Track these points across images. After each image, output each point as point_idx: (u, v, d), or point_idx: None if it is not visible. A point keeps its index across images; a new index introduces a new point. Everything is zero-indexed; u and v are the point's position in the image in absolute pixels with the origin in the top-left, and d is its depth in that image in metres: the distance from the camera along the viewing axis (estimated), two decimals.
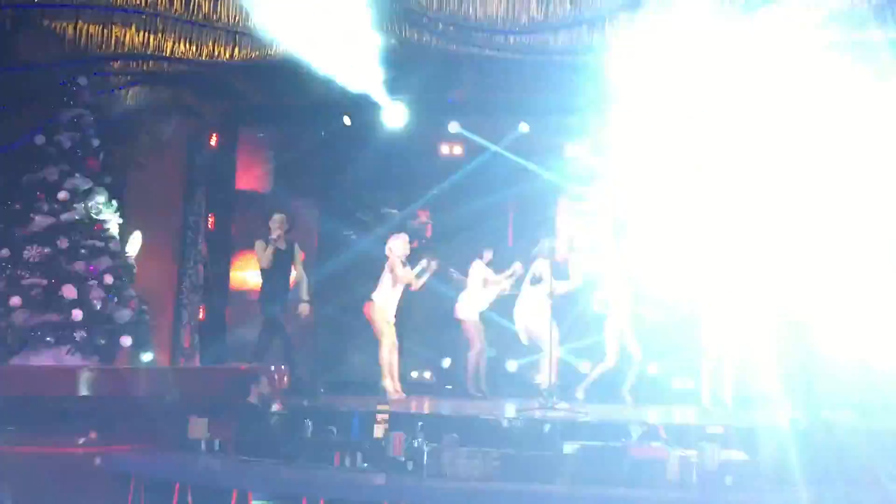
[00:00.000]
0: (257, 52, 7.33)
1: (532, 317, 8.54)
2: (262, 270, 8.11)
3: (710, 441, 5.59)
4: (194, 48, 7.35)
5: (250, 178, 10.13)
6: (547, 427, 6.93)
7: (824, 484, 5.47)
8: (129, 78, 7.67)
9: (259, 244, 8.08)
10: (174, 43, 7.37)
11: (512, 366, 9.48)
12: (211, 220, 9.88)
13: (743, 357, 7.98)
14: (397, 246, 8.43)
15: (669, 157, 8.48)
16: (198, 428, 6.02)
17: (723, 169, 8.05)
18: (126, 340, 6.92)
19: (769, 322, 7.75)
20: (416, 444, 6.18)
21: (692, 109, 7.91)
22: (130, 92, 7.76)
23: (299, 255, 8.25)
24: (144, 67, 7.54)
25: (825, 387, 7.83)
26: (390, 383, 8.36)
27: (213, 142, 9.71)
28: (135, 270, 7.25)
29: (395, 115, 9.65)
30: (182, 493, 5.35)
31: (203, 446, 5.93)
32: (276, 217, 8.09)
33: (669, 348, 9.21)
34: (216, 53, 7.37)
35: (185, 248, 9.15)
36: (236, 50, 7.35)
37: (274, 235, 7.99)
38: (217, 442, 5.99)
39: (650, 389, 9.19)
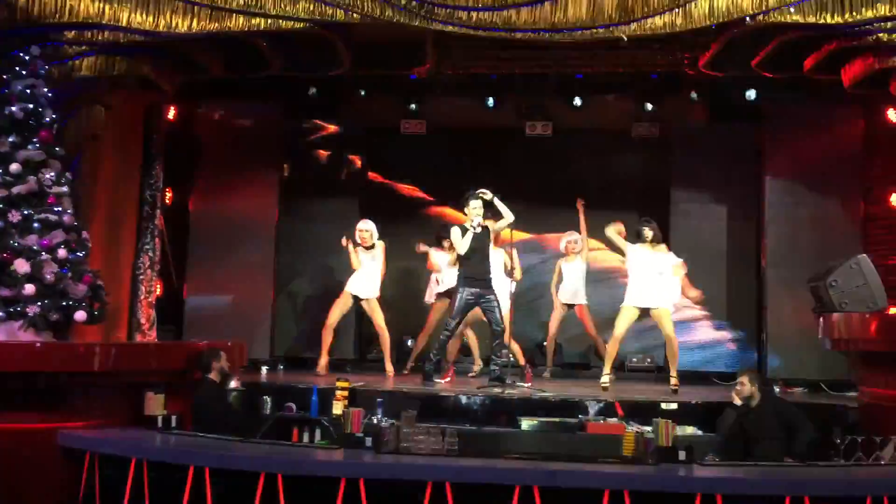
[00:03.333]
0: (216, 25, 7.21)
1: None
2: (459, 255, 7.96)
3: (664, 417, 5.68)
4: (151, 18, 7.22)
5: None
6: (505, 403, 7.01)
7: None
8: (83, 48, 7.49)
9: (455, 231, 7.93)
10: (130, 13, 7.23)
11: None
12: (169, 194, 9.77)
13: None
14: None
15: None
16: (154, 404, 5.97)
17: None
18: (81, 315, 6.82)
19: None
20: (374, 420, 6.22)
21: None
22: (85, 62, 7.58)
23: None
24: (100, 38, 7.37)
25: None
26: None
27: (171, 115, 9.58)
28: (89, 244, 7.12)
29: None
30: (137, 470, 5.30)
31: (160, 422, 5.89)
32: (474, 203, 7.89)
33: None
34: (174, 25, 7.24)
35: (141, 223, 9.02)
36: (194, 21, 7.22)
37: (473, 222, 7.83)
38: (174, 418, 5.95)
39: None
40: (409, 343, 9.71)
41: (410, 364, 9.36)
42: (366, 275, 8.82)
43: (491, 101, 10.00)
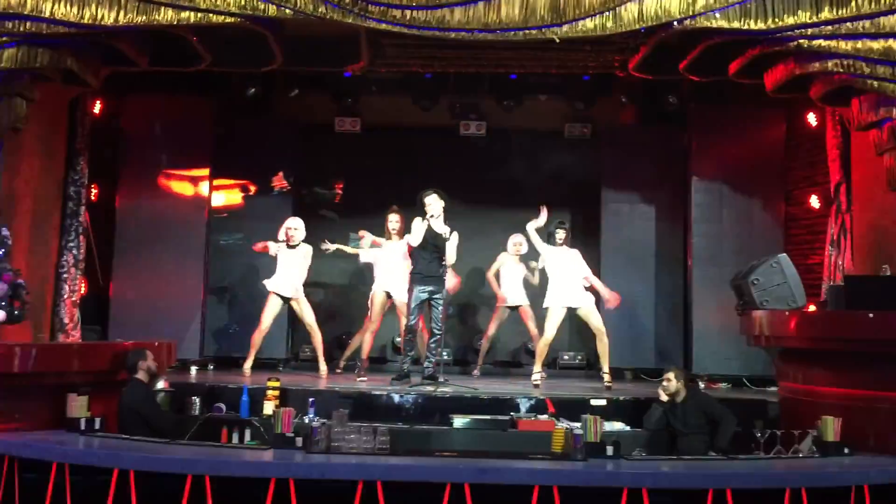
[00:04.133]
0: (143, 18, 7.05)
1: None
2: (414, 248, 7.87)
3: (594, 413, 5.78)
4: (76, 10, 7.00)
5: None
6: (437, 401, 7.03)
7: None
8: (4, 39, 7.23)
9: (416, 220, 7.85)
10: (54, 4, 6.99)
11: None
12: (94, 190, 9.52)
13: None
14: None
15: None
16: (77, 406, 5.82)
17: None
18: (0, 315, 6.61)
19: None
20: (306, 420, 6.18)
21: None
22: (6, 54, 7.32)
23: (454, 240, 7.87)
24: (21, 29, 7.12)
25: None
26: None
27: (96, 109, 9.33)
28: (10, 242, 6.89)
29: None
30: (59, 474, 5.15)
31: (83, 425, 5.73)
32: (428, 199, 7.79)
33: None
34: (99, 17, 7.04)
35: (65, 220, 8.76)
36: (121, 14, 7.04)
37: (428, 214, 7.73)
38: (98, 420, 5.80)
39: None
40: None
41: (342, 363, 9.33)
42: (287, 273, 8.78)
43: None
